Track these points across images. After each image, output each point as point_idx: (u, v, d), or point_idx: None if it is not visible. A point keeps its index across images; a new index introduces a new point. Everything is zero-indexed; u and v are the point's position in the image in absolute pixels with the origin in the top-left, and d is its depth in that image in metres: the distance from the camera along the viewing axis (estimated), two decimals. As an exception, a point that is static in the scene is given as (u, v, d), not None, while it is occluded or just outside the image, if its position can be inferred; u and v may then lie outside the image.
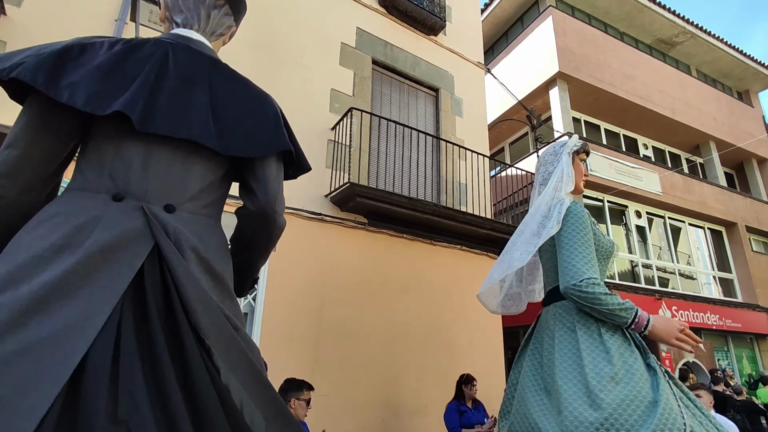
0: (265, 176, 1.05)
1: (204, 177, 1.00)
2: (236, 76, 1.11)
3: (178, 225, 0.89)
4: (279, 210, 1.08)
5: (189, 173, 0.97)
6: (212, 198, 1.03)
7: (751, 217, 12.41)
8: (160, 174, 0.92)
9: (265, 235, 1.09)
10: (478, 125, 7.14)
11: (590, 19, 12.11)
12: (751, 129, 13.76)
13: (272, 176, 1.07)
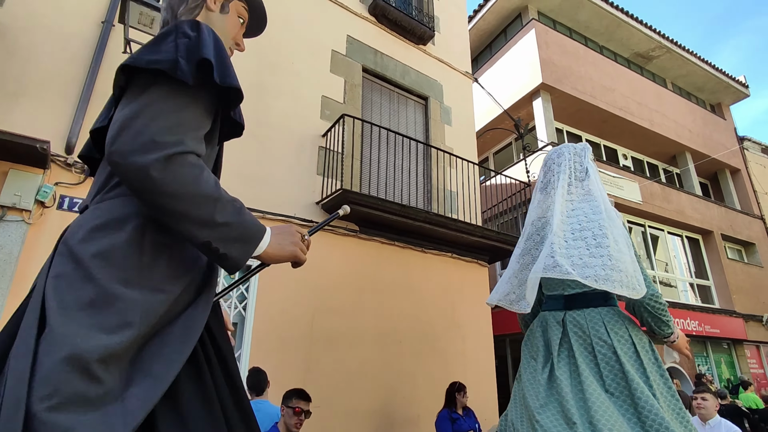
0: (117, 113, 0.85)
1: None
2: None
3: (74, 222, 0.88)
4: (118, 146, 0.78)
5: (103, 166, 0.94)
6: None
7: (726, 226, 12.79)
8: (92, 185, 0.96)
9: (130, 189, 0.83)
10: (466, 134, 7.19)
11: (571, 33, 12.43)
12: (724, 140, 14.26)
13: (118, 110, 0.85)
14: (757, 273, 12.84)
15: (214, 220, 0.82)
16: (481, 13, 12.15)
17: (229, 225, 0.84)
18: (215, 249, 0.84)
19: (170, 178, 0.78)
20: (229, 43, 1.13)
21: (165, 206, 0.79)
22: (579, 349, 1.74)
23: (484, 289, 6.38)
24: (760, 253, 13.31)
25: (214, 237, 0.83)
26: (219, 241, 0.83)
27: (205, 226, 0.82)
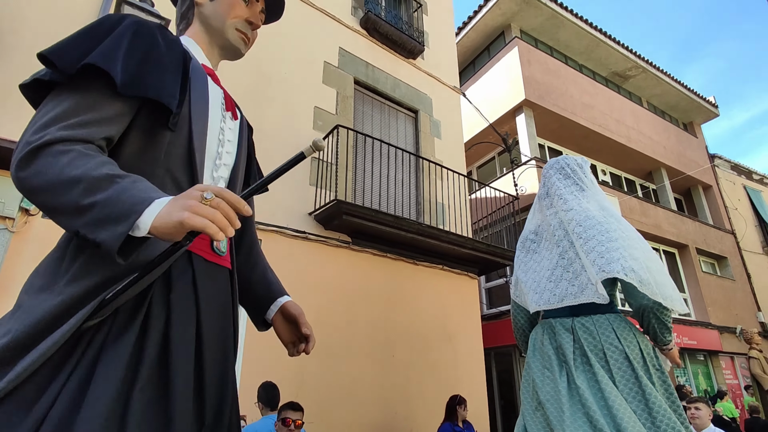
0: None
1: None
2: None
3: None
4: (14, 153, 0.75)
5: None
6: None
7: (700, 240, 13.21)
8: None
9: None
10: (455, 147, 7.27)
11: (552, 51, 12.78)
12: (696, 158, 14.81)
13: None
14: (730, 286, 13.26)
15: (79, 204, 0.70)
16: (465, 30, 12.39)
17: (95, 205, 0.70)
18: (83, 236, 0.70)
19: (31, 172, 0.71)
20: (233, 24, 1.08)
21: (38, 204, 0.73)
22: (592, 356, 1.75)
23: (474, 301, 6.39)
24: (731, 267, 13.77)
25: (81, 223, 0.70)
26: (87, 226, 0.70)
27: (73, 213, 0.71)
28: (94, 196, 0.70)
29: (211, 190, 0.71)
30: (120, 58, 0.83)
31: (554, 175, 2.16)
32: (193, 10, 1.08)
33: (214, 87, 1.03)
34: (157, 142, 0.89)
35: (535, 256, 2.09)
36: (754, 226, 15.37)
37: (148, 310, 0.80)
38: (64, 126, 0.76)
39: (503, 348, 10.33)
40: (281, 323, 1.17)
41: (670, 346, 1.88)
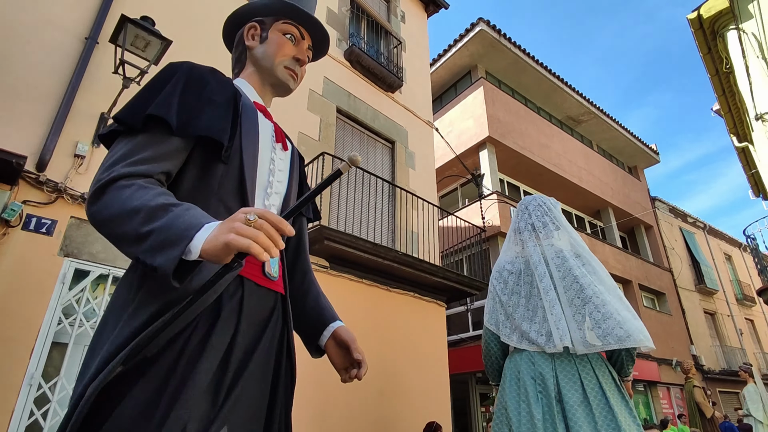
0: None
1: None
2: None
3: None
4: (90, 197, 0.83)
5: None
6: None
7: (642, 276, 14.18)
8: None
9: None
10: (427, 178, 7.57)
11: (514, 93, 13.60)
12: (640, 200, 16.02)
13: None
14: (668, 320, 14.25)
15: (139, 232, 0.75)
16: (435, 66, 12.98)
17: (152, 233, 0.75)
18: (143, 262, 0.74)
19: (100, 206, 0.79)
20: (281, 63, 1.14)
21: (106, 235, 0.80)
22: (571, 388, 1.81)
23: (441, 328, 6.58)
24: (669, 302, 14.82)
25: (140, 250, 0.75)
26: (145, 253, 0.74)
27: (134, 241, 0.76)
28: (151, 224, 0.75)
29: (254, 212, 0.74)
30: (175, 104, 0.93)
31: (533, 211, 2.24)
32: (245, 54, 1.16)
33: (264, 121, 1.10)
34: (212, 174, 0.96)
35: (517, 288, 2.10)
36: (688, 266, 16.68)
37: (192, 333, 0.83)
38: (128, 163, 0.84)
39: (460, 375, 10.54)
40: (334, 349, 1.18)
41: (630, 377, 2.03)
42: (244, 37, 1.15)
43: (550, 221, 2.17)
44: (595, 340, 1.81)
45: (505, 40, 12.10)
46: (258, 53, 1.13)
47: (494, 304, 2.14)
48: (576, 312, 1.90)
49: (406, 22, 8.56)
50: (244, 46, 1.15)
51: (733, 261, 19.87)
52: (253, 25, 1.15)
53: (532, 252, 2.10)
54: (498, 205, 10.53)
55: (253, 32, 1.15)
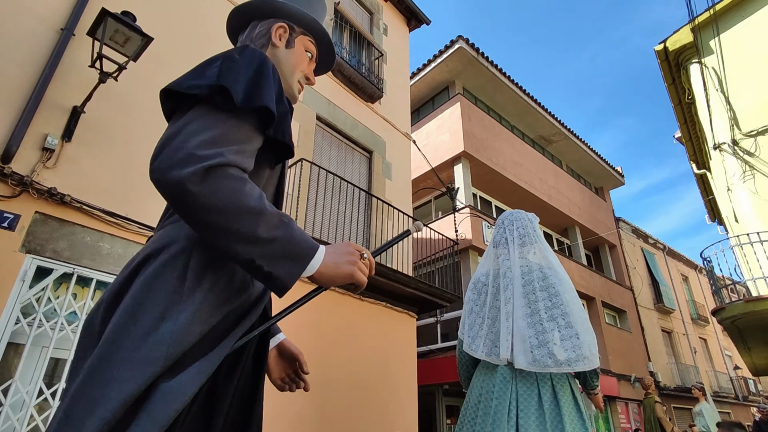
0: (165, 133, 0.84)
1: None
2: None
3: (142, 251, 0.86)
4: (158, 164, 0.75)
5: None
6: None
7: (605, 294, 14.63)
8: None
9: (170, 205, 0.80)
10: (404, 189, 7.64)
11: (489, 110, 13.93)
12: (605, 220, 16.58)
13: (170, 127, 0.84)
14: (627, 337, 14.72)
15: (257, 235, 0.76)
16: (414, 80, 13.17)
17: (275, 240, 0.77)
18: (259, 267, 0.76)
19: (208, 190, 0.73)
20: (297, 76, 1.15)
21: (204, 221, 0.75)
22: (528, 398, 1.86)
23: (412, 339, 6.60)
24: (629, 320, 15.33)
25: (257, 254, 0.76)
26: (263, 258, 0.76)
27: (248, 241, 0.75)
28: (273, 231, 0.77)
29: (364, 251, 0.88)
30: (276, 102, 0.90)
31: (509, 225, 2.27)
32: (266, 48, 1.13)
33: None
34: (260, 178, 0.98)
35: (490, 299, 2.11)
36: (648, 285, 17.32)
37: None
38: (236, 151, 0.80)
39: (427, 387, 10.56)
40: (275, 359, 1.17)
41: (596, 391, 2.09)
42: (273, 33, 1.13)
43: (526, 235, 2.20)
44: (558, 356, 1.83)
45: (482, 59, 12.41)
46: (281, 56, 1.13)
47: (466, 314, 2.19)
48: (534, 327, 1.91)
49: (389, 35, 8.68)
50: (270, 40, 1.13)
51: (689, 282, 20.76)
52: (283, 26, 1.14)
53: (502, 264, 2.14)
54: (471, 219, 10.71)
55: (281, 33, 1.14)
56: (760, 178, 7.11)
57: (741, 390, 19.31)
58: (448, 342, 10.52)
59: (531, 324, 1.92)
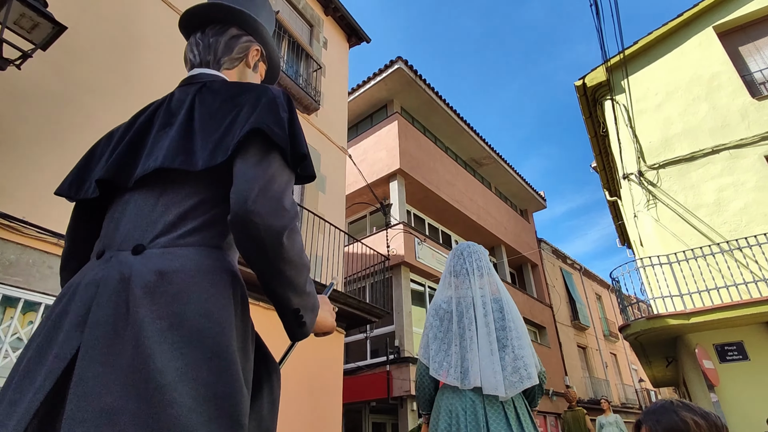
0: (238, 170, 0.84)
1: (182, 202, 0.88)
2: (225, 86, 1.00)
3: (140, 264, 0.80)
4: (259, 207, 0.78)
5: (165, 205, 0.88)
6: (198, 222, 0.87)
7: (527, 311, 15.37)
8: (133, 218, 0.88)
9: (251, 248, 0.80)
10: (337, 203, 7.59)
11: (425, 131, 14.33)
12: (528, 240, 17.53)
13: (246, 167, 0.84)
14: (547, 352, 15.51)
15: (305, 289, 0.87)
16: (353, 95, 13.28)
17: (310, 294, 0.89)
18: (300, 316, 0.87)
19: (291, 245, 0.82)
20: None
21: (283, 272, 0.82)
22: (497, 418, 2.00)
23: (339, 356, 6.49)
24: (548, 336, 16.19)
25: (302, 305, 0.87)
26: (304, 309, 0.88)
27: (300, 293, 0.86)
28: (310, 286, 0.90)
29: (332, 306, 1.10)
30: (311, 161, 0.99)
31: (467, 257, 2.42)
32: (240, 64, 1.16)
33: None
34: None
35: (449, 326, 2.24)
36: (566, 303, 18.45)
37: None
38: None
39: (354, 405, 10.43)
40: None
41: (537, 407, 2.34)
42: (249, 53, 1.18)
43: (483, 267, 2.38)
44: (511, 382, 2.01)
45: (420, 81, 12.80)
46: (248, 76, 1.19)
47: (428, 339, 2.26)
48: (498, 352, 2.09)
49: (328, 49, 8.70)
50: (245, 58, 1.17)
51: (602, 300, 22.41)
52: (258, 50, 1.20)
53: (465, 294, 2.28)
54: (404, 236, 10.86)
55: (255, 56, 1.19)
56: (661, 207, 7.88)
57: (644, 401, 20.99)
58: (377, 358, 10.48)
59: (494, 350, 2.10)
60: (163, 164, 0.88)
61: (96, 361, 0.69)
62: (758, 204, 7.04)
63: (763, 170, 7.21)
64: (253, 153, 0.86)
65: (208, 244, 0.86)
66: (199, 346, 0.73)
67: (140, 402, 0.66)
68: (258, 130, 0.86)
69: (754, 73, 8.19)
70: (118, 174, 0.92)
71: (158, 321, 0.73)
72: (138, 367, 0.68)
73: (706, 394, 6.21)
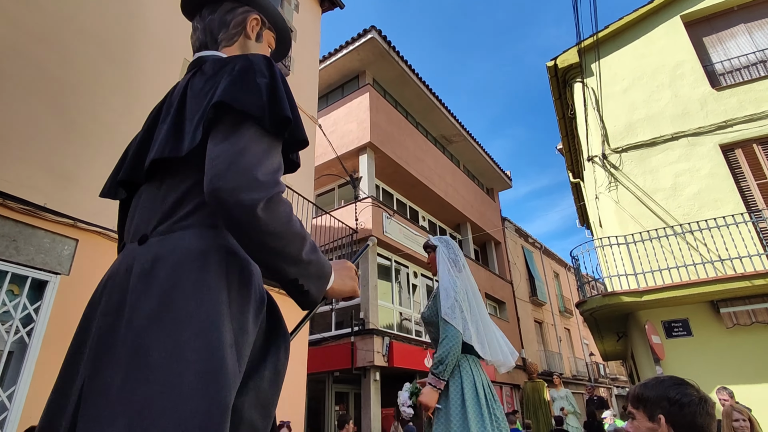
0: (208, 149, 0.83)
1: (177, 188, 0.91)
2: (212, 65, 0.98)
3: (141, 253, 0.85)
4: (226, 183, 0.76)
5: (164, 194, 0.92)
6: (192, 205, 0.89)
7: (489, 287, 15.82)
8: (141, 210, 0.95)
9: (228, 225, 0.80)
10: (306, 174, 7.44)
11: (397, 105, 14.18)
12: (493, 219, 17.89)
13: (214, 144, 0.83)
14: (505, 327, 16.09)
15: (301, 258, 0.85)
16: (324, 64, 12.93)
17: (311, 262, 0.87)
18: (300, 285, 0.86)
19: (271, 216, 0.80)
20: None
21: (266, 244, 0.81)
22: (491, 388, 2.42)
23: (305, 329, 6.48)
24: (508, 311, 16.77)
25: (300, 274, 0.85)
26: (304, 277, 0.86)
27: (295, 263, 0.84)
28: (312, 254, 0.87)
29: (354, 267, 1.05)
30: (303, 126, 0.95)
31: (455, 249, 2.72)
32: (239, 37, 1.14)
33: None
34: None
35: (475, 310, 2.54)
36: (525, 280, 19.09)
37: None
38: (281, 179, 0.87)
39: (317, 375, 10.54)
40: None
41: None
42: (247, 23, 1.15)
43: (461, 261, 2.68)
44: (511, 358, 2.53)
45: (393, 53, 12.57)
46: (251, 48, 1.15)
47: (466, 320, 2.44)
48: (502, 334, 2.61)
49: (300, 13, 8.37)
50: (244, 30, 1.14)
51: (559, 278, 23.33)
52: (257, 19, 1.17)
53: (470, 282, 2.61)
54: (372, 209, 10.83)
55: (255, 25, 1.16)
56: (622, 189, 8.16)
57: (594, 373, 22.25)
58: (342, 330, 10.57)
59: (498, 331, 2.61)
60: (156, 156, 0.92)
61: (102, 346, 0.77)
62: (710, 190, 7.40)
63: (717, 158, 7.56)
64: (221, 129, 0.86)
65: (203, 224, 0.88)
66: (187, 326, 0.75)
67: (126, 379, 0.71)
68: (220, 103, 0.85)
69: (715, 64, 8.48)
70: (132, 173, 1.00)
71: (148, 303, 0.77)
72: (131, 348, 0.73)
73: (652, 367, 6.61)
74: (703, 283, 6.35)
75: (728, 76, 8.32)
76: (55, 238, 3.92)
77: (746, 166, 7.43)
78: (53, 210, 3.90)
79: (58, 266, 3.90)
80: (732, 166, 7.50)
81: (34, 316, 3.73)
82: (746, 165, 7.44)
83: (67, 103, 4.25)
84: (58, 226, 3.96)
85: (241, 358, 0.80)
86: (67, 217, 3.99)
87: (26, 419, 3.41)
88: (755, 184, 7.25)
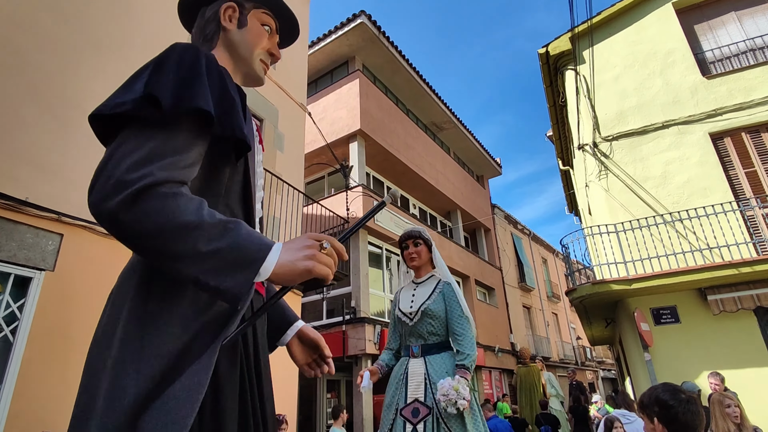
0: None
1: None
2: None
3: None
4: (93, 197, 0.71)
5: None
6: None
7: (478, 273, 15.92)
8: None
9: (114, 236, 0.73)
10: (296, 162, 7.33)
11: (387, 91, 14.01)
12: (483, 206, 17.93)
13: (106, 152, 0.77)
14: (494, 312, 16.26)
15: (198, 251, 0.71)
16: (312, 49, 12.68)
17: (218, 252, 0.72)
18: (205, 283, 0.71)
19: (138, 216, 0.69)
20: (259, 55, 1.08)
21: (141, 247, 0.72)
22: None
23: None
24: (497, 297, 16.93)
25: (200, 270, 0.71)
26: (207, 273, 0.71)
27: (190, 259, 0.71)
28: (214, 243, 0.72)
29: (325, 240, 0.79)
30: (210, 98, 0.82)
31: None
32: (219, 34, 1.06)
33: (249, 117, 1.01)
34: (220, 179, 0.91)
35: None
36: (514, 266, 19.25)
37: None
38: (168, 165, 0.75)
39: (309, 363, 10.56)
40: (298, 346, 1.19)
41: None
42: (221, 16, 1.06)
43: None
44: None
45: (383, 38, 12.36)
46: (235, 38, 1.06)
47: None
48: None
49: (288, -3, 8.15)
50: (219, 25, 1.06)
51: (548, 264, 23.57)
52: (231, 6, 1.07)
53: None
54: (362, 198, 10.75)
55: (231, 13, 1.07)
56: (612, 178, 8.19)
57: (580, 357, 22.67)
58: (334, 318, 10.57)
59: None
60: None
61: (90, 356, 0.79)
62: (699, 178, 7.45)
63: (706, 146, 7.60)
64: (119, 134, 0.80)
65: None
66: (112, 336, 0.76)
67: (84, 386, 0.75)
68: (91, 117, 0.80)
69: (705, 52, 8.48)
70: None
71: (104, 317, 0.81)
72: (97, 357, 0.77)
73: (640, 354, 6.72)
74: (691, 271, 6.43)
75: (718, 64, 8.33)
76: (38, 233, 3.80)
77: (735, 155, 7.49)
78: (36, 204, 3.77)
79: (42, 262, 3.78)
80: (721, 155, 7.56)
81: (18, 314, 3.62)
82: (735, 153, 7.50)
83: (49, 91, 4.09)
84: (42, 221, 3.83)
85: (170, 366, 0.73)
86: (50, 211, 3.86)
87: (12, 418, 3.34)
88: (743, 173, 7.32)
